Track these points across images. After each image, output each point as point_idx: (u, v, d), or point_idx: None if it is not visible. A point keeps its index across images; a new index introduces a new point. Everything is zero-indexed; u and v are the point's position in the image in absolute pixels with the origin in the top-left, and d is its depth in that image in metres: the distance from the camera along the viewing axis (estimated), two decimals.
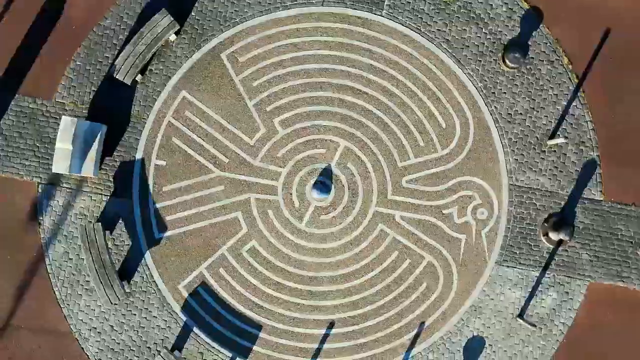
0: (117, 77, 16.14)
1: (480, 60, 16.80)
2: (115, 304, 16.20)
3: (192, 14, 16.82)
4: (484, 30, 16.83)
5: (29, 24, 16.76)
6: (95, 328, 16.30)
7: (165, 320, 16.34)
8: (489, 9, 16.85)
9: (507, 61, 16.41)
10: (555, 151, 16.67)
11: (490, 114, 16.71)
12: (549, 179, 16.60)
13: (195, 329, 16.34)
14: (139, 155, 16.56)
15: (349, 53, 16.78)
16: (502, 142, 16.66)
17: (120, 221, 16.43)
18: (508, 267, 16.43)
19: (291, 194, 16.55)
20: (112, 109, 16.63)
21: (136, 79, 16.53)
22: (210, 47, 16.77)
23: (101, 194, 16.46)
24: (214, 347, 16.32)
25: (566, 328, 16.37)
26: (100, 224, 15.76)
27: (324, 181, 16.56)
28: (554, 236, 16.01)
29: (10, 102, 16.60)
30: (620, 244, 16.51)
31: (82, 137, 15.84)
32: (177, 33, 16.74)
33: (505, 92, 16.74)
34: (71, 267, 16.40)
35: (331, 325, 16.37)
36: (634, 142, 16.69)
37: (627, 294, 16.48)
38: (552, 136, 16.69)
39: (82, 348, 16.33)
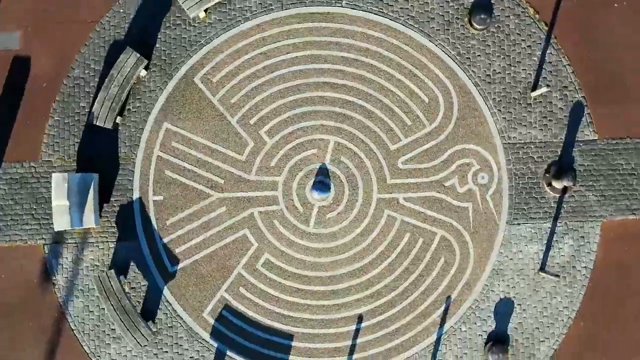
0: (97, 124, 16.13)
1: (448, 29, 16.81)
2: (145, 346, 16.23)
3: (157, 45, 16.79)
4: None
5: None
6: None
7: (198, 350, 16.37)
8: None
9: (474, 24, 16.44)
10: (540, 102, 16.71)
11: (469, 79, 16.74)
12: (540, 130, 16.64)
13: (229, 352, 16.37)
14: (135, 196, 16.56)
15: (319, 50, 16.78)
16: (487, 104, 16.70)
17: (132, 264, 16.44)
18: (520, 224, 16.49)
19: (292, 199, 16.57)
20: (99, 156, 16.62)
21: (116, 121, 16.52)
22: (182, 74, 16.76)
23: (107, 242, 16.46)
24: None
25: (589, 271, 16.45)
26: (113, 270, 15.78)
27: (322, 180, 16.58)
28: (557, 184, 16.06)
29: None
30: (623, 178, 16.58)
31: (76, 190, 15.83)
32: (146, 68, 16.72)
33: (479, 55, 16.77)
34: (94, 319, 16.41)
35: (360, 319, 16.42)
36: (614, 76, 16.73)
37: None
38: (535, 87, 16.73)
39: None
